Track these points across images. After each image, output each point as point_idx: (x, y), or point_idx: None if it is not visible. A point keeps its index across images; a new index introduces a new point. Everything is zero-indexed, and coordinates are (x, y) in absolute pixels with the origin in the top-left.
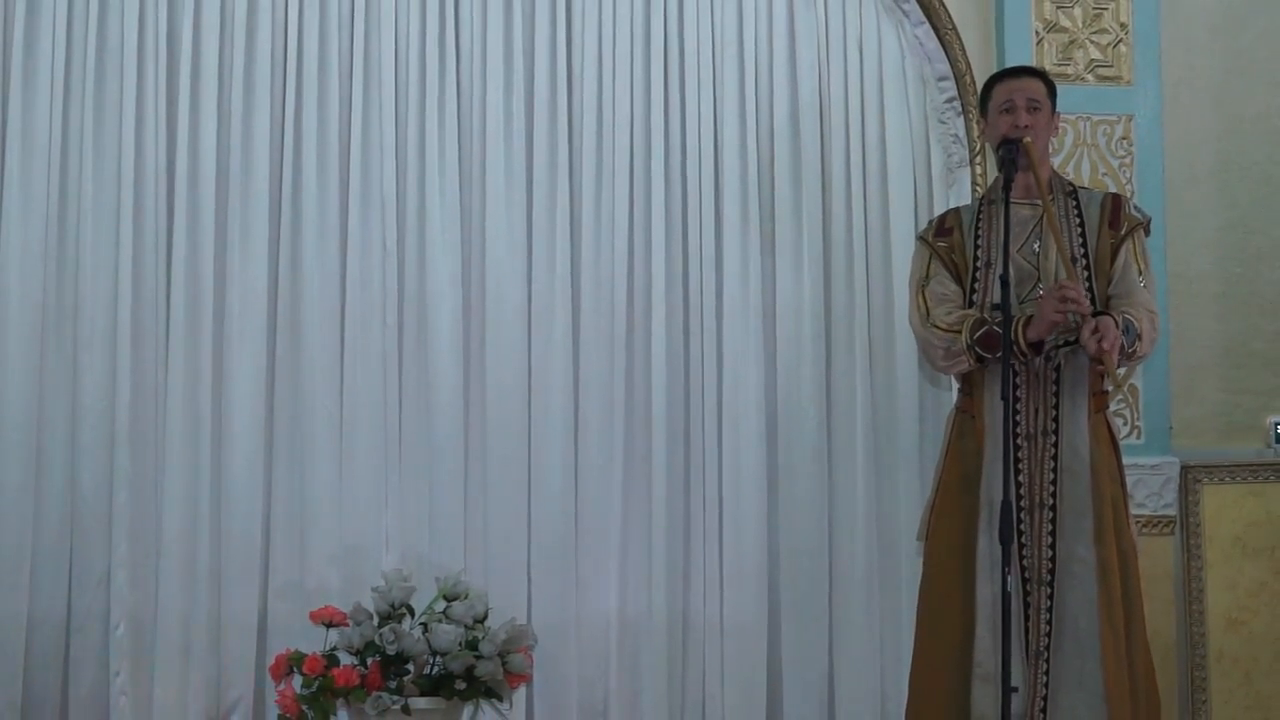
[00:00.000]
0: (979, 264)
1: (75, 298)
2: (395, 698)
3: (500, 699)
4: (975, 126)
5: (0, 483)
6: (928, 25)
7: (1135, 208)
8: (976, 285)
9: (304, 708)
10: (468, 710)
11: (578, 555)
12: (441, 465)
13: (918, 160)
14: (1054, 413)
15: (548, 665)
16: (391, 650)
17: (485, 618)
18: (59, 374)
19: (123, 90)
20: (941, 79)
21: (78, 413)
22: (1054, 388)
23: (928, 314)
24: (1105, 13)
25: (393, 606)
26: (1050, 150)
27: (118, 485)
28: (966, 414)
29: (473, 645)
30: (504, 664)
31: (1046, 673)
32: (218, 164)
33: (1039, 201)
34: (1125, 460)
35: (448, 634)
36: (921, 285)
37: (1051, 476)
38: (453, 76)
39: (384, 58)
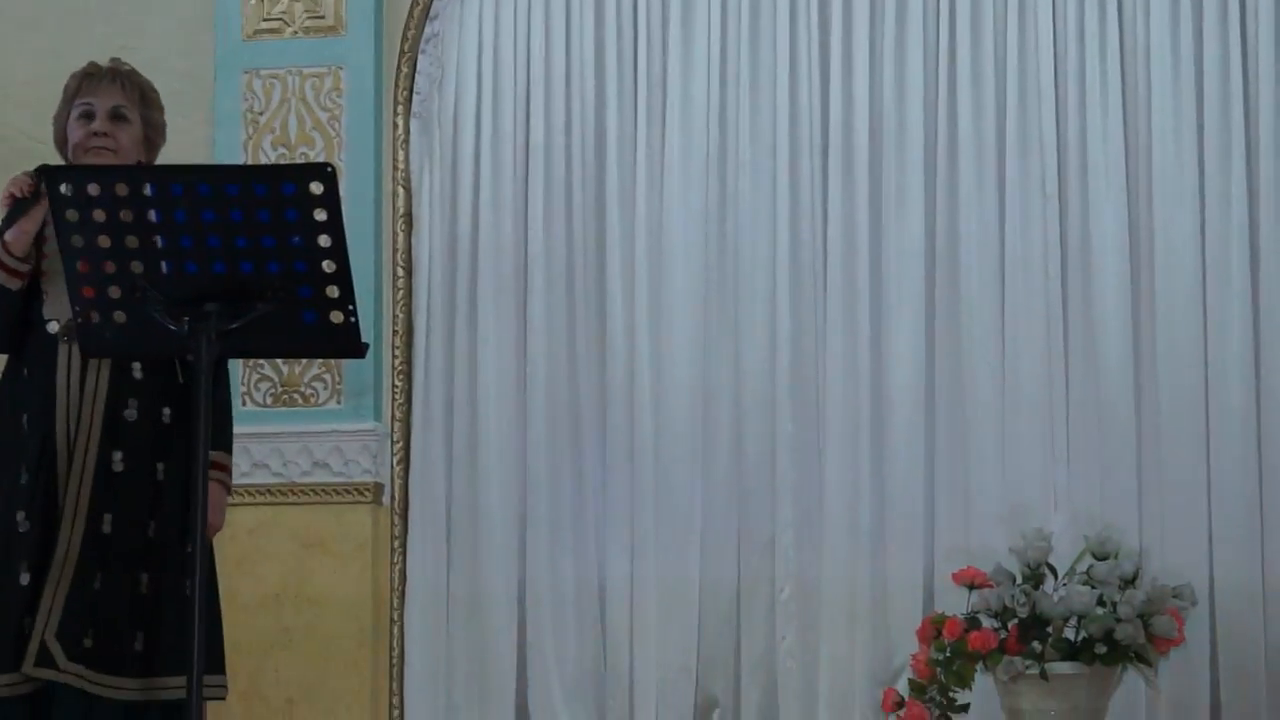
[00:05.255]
0: None
1: (735, 257)
2: (1029, 662)
3: (1149, 664)
4: None
5: (670, 450)
6: None
7: None
8: None
9: (937, 671)
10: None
11: (1264, 515)
12: (1111, 419)
13: None
14: None
15: (1232, 630)
16: (1024, 612)
17: (1135, 578)
18: (721, 335)
19: (776, 38)
20: None
21: (740, 376)
22: None
23: None
24: None
25: (1030, 567)
26: None
27: (780, 448)
28: None
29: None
30: (1146, 627)
31: None
32: (870, 110)
33: None
34: None
35: (1082, 595)
36: None
37: None
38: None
39: None
